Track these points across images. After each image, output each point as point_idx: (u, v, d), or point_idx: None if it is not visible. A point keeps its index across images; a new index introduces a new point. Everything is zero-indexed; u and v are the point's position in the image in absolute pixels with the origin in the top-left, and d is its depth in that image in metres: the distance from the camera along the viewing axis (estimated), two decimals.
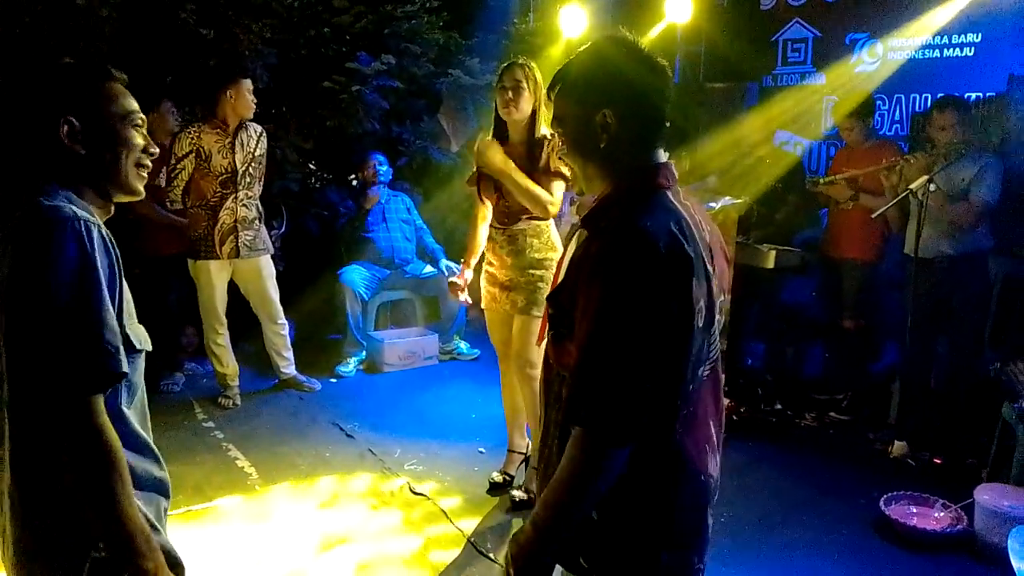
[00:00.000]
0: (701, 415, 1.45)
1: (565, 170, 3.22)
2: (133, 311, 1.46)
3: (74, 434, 1.29)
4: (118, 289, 1.37)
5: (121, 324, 1.36)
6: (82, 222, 1.32)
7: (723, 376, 1.53)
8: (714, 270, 1.43)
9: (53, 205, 1.34)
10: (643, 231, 1.32)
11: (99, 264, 1.31)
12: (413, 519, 3.42)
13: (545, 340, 1.56)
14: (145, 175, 1.52)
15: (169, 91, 5.11)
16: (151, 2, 5.25)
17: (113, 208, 1.51)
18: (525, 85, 3.30)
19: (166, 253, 4.82)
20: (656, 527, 1.44)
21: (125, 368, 1.33)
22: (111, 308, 1.33)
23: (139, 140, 1.48)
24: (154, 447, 1.50)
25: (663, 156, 1.49)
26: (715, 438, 1.49)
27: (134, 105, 1.49)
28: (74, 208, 1.34)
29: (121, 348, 1.33)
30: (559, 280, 1.52)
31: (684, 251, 1.33)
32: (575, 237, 1.55)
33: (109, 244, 1.36)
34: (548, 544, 1.38)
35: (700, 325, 1.36)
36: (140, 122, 1.49)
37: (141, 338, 1.45)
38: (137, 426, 1.44)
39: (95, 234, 1.33)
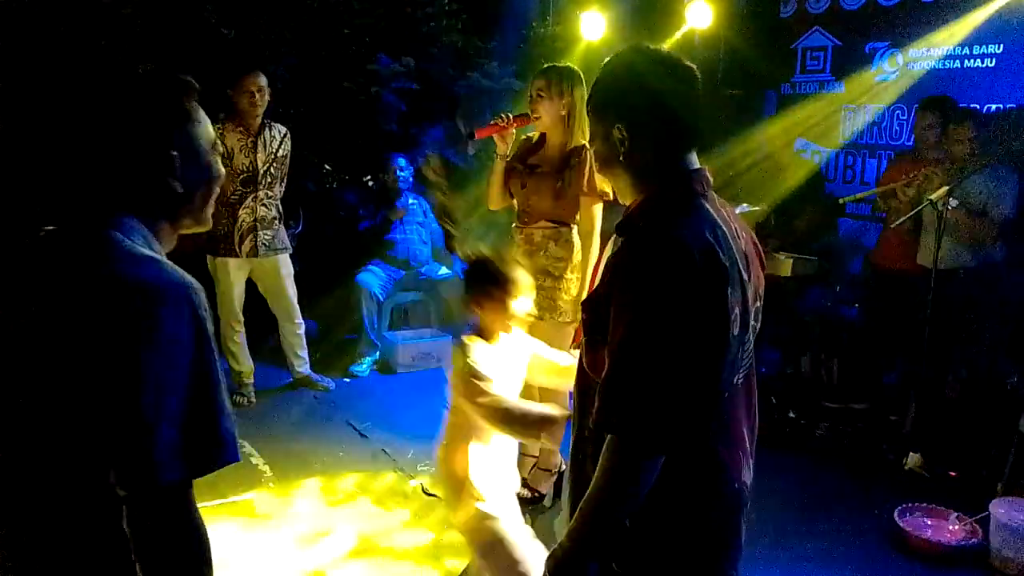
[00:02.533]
0: (735, 423, 1.45)
1: (608, 188, 3.17)
2: None
3: (172, 529, 1.13)
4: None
5: None
6: (193, 289, 1.15)
7: (755, 384, 1.52)
8: (749, 277, 1.43)
9: (145, 256, 1.17)
10: (677, 239, 1.32)
11: (210, 338, 1.16)
12: (426, 520, 3.43)
13: (580, 347, 1.57)
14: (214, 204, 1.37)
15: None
16: (174, 2, 5.30)
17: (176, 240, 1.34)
18: (546, 93, 3.29)
19: (182, 251, 4.87)
20: (689, 534, 1.44)
21: (239, 456, 1.18)
22: (224, 387, 1.19)
23: (223, 170, 1.35)
24: None
25: (695, 162, 1.49)
26: (748, 446, 1.49)
27: (212, 127, 1.34)
28: (170, 265, 1.18)
29: (235, 433, 1.18)
30: (595, 285, 1.53)
31: (719, 259, 1.33)
32: (611, 242, 1.56)
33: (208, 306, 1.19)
34: (587, 554, 1.38)
35: (735, 333, 1.36)
36: (221, 147, 1.37)
37: None
38: None
39: (203, 300, 1.17)
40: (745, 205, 4.26)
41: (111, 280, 1.13)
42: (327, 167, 6.26)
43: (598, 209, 3.29)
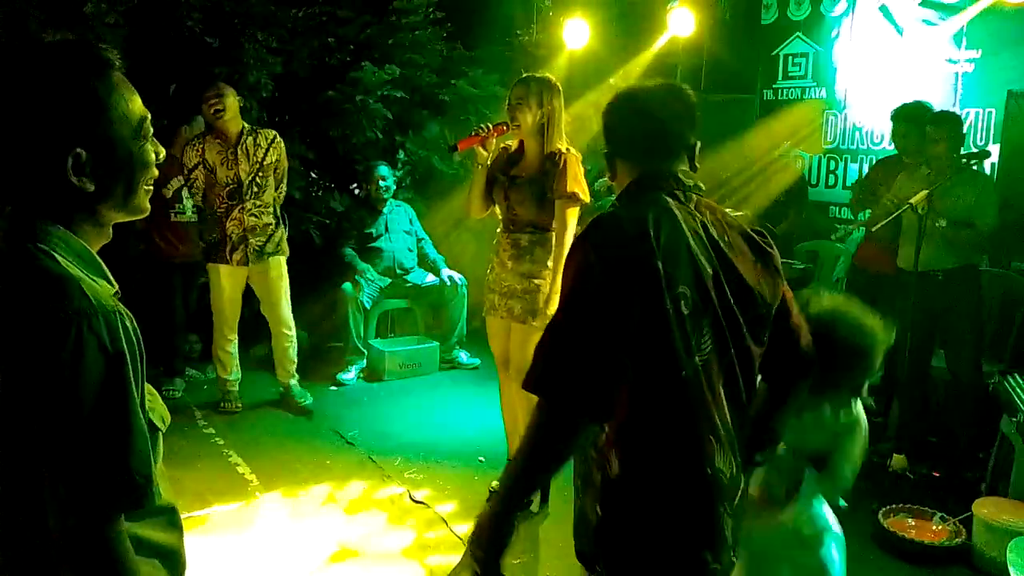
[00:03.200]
0: (701, 406, 1.46)
1: (581, 192, 3.29)
2: (151, 390, 1.21)
3: (87, 564, 1.07)
4: (142, 380, 1.13)
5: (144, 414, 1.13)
6: (98, 316, 1.05)
7: (739, 374, 1.54)
8: (718, 268, 1.51)
9: (60, 276, 1.06)
10: (604, 222, 1.49)
11: (128, 362, 1.07)
12: (412, 526, 3.43)
13: None
14: (151, 189, 1.24)
15: (174, 100, 5.14)
16: (158, 10, 5.29)
17: (111, 232, 1.22)
18: (524, 102, 3.35)
19: (172, 260, 4.87)
20: (658, 524, 1.46)
21: (153, 500, 1.11)
22: (143, 419, 1.10)
23: (152, 156, 1.20)
24: (170, 505, 1.27)
25: (667, 165, 1.61)
26: (725, 433, 1.49)
27: (141, 106, 1.17)
28: (82, 288, 1.06)
29: (153, 475, 1.11)
30: None
31: (647, 242, 1.43)
32: None
33: (133, 334, 1.10)
34: (511, 508, 1.48)
35: (684, 312, 1.43)
36: (151, 128, 1.20)
37: (163, 417, 1.23)
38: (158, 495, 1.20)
39: (117, 327, 1.07)
40: (728, 210, 4.28)
41: (16, 309, 1.04)
42: (312, 175, 6.25)
43: (573, 212, 3.33)
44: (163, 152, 1.24)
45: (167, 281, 4.94)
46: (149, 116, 1.19)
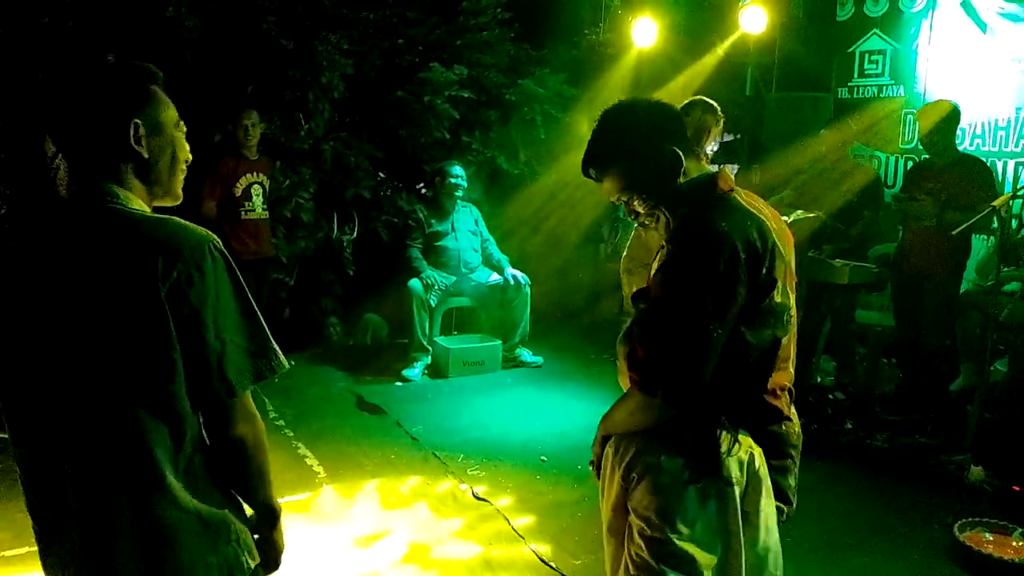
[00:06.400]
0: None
1: None
2: None
3: (246, 425, 1.41)
4: None
5: None
6: (212, 237, 1.38)
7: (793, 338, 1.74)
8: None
9: (158, 217, 1.39)
10: (712, 226, 1.64)
11: (238, 274, 1.41)
12: (475, 524, 3.45)
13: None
14: (183, 178, 1.53)
15: (251, 100, 5.30)
16: (235, 13, 5.45)
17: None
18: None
19: (243, 256, 5.01)
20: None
21: (287, 364, 1.48)
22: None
23: (187, 147, 1.50)
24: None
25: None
26: (790, 387, 1.77)
27: (176, 113, 1.50)
28: (181, 220, 1.39)
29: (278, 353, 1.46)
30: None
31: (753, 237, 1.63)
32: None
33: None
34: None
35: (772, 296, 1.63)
36: (185, 128, 1.51)
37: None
38: None
39: (220, 244, 1.39)
40: (800, 211, 4.19)
41: (144, 242, 1.32)
42: (381, 174, 6.36)
43: None
44: (190, 155, 1.52)
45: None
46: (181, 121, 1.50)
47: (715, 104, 3.37)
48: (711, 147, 3.37)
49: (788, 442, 1.78)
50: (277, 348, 1.44)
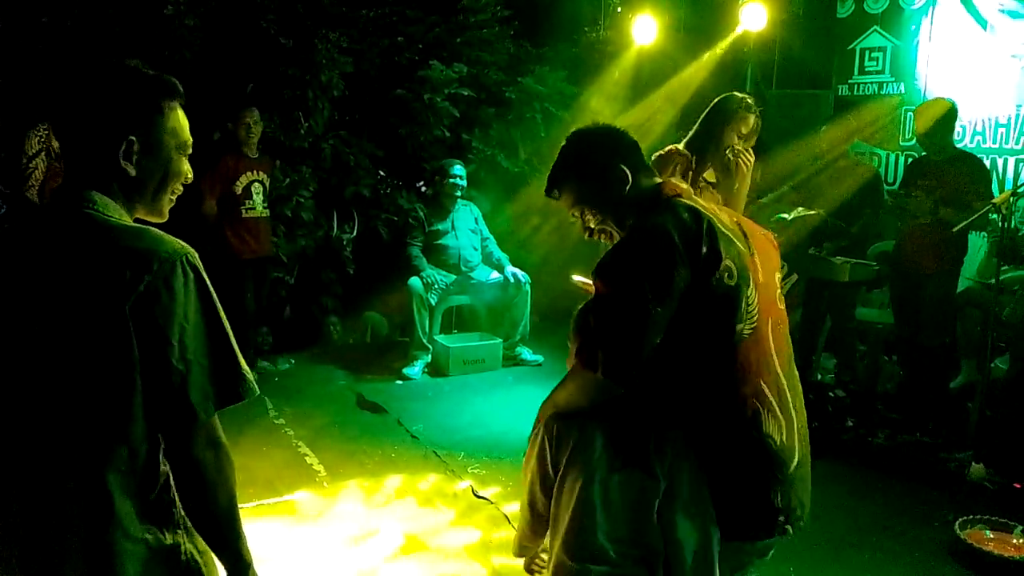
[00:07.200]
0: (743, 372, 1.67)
1: None
2: None
3: (210, 453, 1.31)
4: None
5: None
6: (188, 251, 1.31)
7: (771, 343, 1.76)
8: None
9: (135, 228, 1.32)
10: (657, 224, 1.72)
11: (211, 291, 1.34)
12: (476, 522, 3.46)
13: None
14: (174, 200, 1.46)
15: (250, 99, 5.29)
16: (234, 12, 5.45)
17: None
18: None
19: (243, 255, 5.02)
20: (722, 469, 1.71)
21: (257, 390, 1.39)
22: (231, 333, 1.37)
23: (185, 170, 1.43)
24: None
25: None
26: (772, 399, 1.73)
27: (188, 135, 1.43)
28: (160, 232, 1.33)
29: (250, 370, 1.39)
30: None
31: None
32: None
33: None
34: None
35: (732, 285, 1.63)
36: (190, 152, 1.44)
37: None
38: None
39: (197, 260, 1.33)
40: (800, 208, 4.18)
41: (113, 251, 1.26)
42: (381, 173, 6.35)
43: None
44: (191, 175, 1.45)
45: (239, 275, 5.08)
46: (191, 142, 1.43)
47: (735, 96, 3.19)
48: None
49: (774, 460, 1.79)
50: (247, 372, 1.36)
